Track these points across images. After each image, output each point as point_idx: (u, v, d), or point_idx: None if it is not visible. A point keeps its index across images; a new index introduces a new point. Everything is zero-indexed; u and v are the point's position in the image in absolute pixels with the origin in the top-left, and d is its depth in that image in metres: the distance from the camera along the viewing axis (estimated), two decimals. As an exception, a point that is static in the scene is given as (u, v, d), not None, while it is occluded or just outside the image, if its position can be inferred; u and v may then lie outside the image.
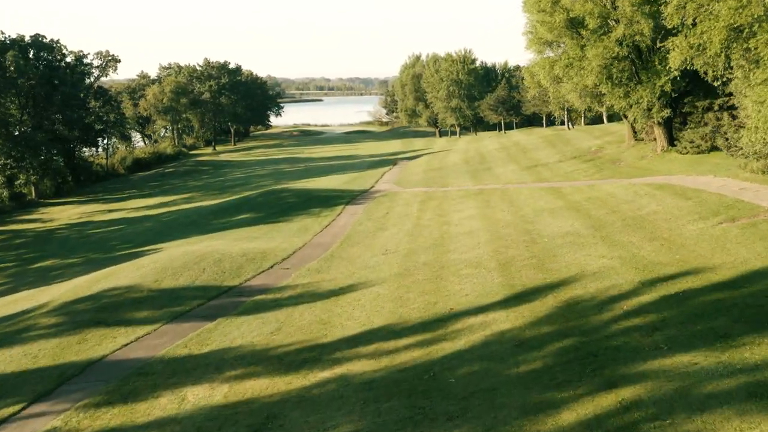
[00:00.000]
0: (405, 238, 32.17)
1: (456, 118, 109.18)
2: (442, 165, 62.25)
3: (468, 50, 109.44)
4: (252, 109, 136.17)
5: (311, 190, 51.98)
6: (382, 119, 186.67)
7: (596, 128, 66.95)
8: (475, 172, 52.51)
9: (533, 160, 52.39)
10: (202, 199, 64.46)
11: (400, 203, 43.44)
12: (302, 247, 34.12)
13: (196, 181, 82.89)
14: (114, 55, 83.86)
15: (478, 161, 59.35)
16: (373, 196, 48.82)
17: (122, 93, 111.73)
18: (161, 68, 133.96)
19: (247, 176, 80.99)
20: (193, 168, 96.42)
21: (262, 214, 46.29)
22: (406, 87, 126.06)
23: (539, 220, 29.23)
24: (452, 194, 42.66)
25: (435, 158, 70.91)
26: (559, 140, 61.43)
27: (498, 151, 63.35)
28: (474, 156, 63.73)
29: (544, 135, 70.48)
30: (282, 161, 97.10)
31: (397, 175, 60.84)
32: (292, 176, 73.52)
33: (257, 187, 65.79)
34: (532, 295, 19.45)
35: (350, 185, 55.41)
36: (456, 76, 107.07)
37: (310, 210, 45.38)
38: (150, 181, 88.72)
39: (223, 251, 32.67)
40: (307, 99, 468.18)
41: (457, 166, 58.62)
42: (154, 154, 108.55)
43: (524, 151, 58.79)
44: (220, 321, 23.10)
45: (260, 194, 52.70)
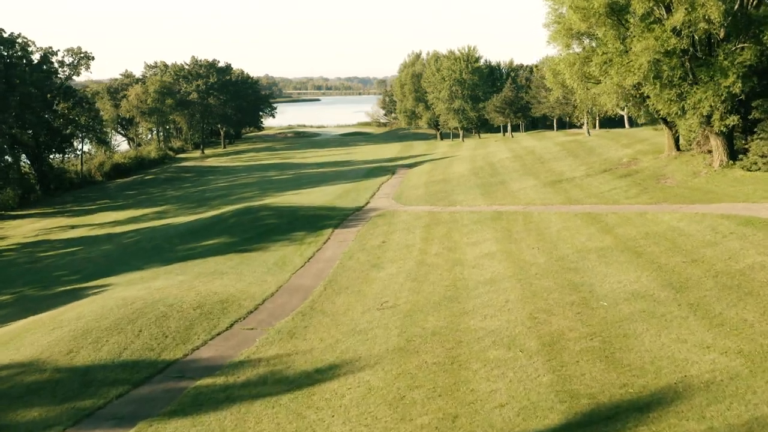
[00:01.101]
0: (407, 284, 24.95)
1: (459, 121, 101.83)
2: (447, 176, 54.98)
3: (472, 47, 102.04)
4: (242, 111, 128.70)
5: (296, 208, 44.70)
6: (379, 120, 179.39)
7: (621, 134, 59.53)
8: (487, 187, 45.28)
9: (555, 173, 45.14)
10: (176, 213, 57.22)
11: (400, 228, 36.20)
12: (276, 291, 26.89)
13: (175, 190, 75.59)
14: (87, 52, 76.46)
15: (488, 172, 52.08)
16: (367, 215, 41.59)
17: (100, 93, 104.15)
18: (146, 67, 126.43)
19: (230, 185, 73.68)
20: (175, 175, 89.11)
21: (236, 239, 39.04)
22: (405, 87, 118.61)
23: (586, 268, 22.01)
24: (462, 217, 35.41)
25: (438, 167, 63.66)
26: (581, 148, 54.16)
27: (510, 160, 56.07)
28: (483, 166, 56.48)
29: (561, 141, 63.20)
30: (271, 167, 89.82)
31: (396, 188, 53.61)
32: (279, 186, 66.24)
33: (238, 200, 58.55)
34: (610, 421, 12.24)
35: (342, 200, 48.16)
36: (459, 75, 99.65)
37: (293, 235, 38.13)
38: (127, 189, 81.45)
39: (172, 300, 25.43)
40: (305, 99, 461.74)
41: (465, 178, 51.38)
42: (136, 159, 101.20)
43: (541, 161, 51.52)
44: (141, 429, 15.90)
45: (237, 212, 45.43)
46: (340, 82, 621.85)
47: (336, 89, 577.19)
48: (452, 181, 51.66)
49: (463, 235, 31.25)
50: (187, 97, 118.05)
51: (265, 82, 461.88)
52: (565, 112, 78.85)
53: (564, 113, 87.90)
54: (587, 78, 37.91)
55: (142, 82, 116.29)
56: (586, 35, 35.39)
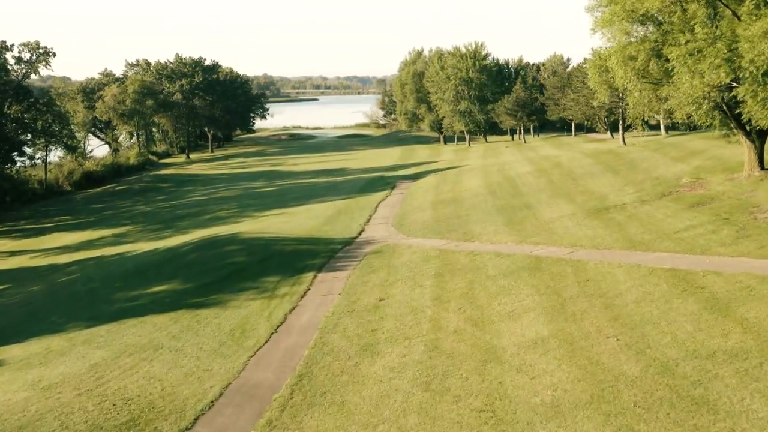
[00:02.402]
0: (415, 397, 16.12)
1: (465, 124, 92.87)
2: (458, 194, 46.09)
3: (480, 43, 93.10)
4: (231, 112, 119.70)
5: (272, 241, 35.81)
6: (378, 121, 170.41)
7: (664, 143, 50.31)
8: (510, 212, 36.39)
9: (595, 196, 36.21)
10: (136, 237, 48.44)
11: (403, 274, 27.35)
12: (219, 397, 18.04)
13: (146, 204, 66.78)
14: (47, 47, 67.49)
15: (508, 191, 43.15)
16: (361, 251, 32.74)
17: (69, 93, 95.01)
18: (128, 65, 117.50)
19: (207, 199, 64.83)
20: (150, 185, 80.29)
21: (190, 285, 30.18)
22: (406, 87, 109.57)
23: (721, 397, 13.11)
24: (486, 263, 26.55)
25: (445, 180, 54.75)
26: (619, 161, 45.21)
27: (533, 175, 47.10)
28: (500, 181, 47.54)
29: (589, 151, 54.16)
30: (258, 176, 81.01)
31: (397, 208, 44.76)
32: (262, 202, 57.38)
33: (211, 221, 49.71)
34: None
35: (331, 227, 39.32)
36: (465, 74, 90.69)
37: (263, 281, 29.30)
38: (96, 201, 72.66)
39: (52, 422, 16.61)
40: (303, 98, 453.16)
41: (480, 199, 42.48)
42: (112, 167, 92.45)
43: (572, 178, 42.61)
44: None
45: (200, 245, 36.55)
46: (339, 82, 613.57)
47: (335, 89, 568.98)
48: (464, 201, 42.77)
49: (491, 297, 22.37)
50: (171, 98, 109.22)
51: (263, 81, 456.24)
52: (587, 115, 69.82)
53: (572, 117, 79.01)
54: (643, 76, 29.08)
55: (121, 81, 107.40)
56: (651, 21, 26.60)
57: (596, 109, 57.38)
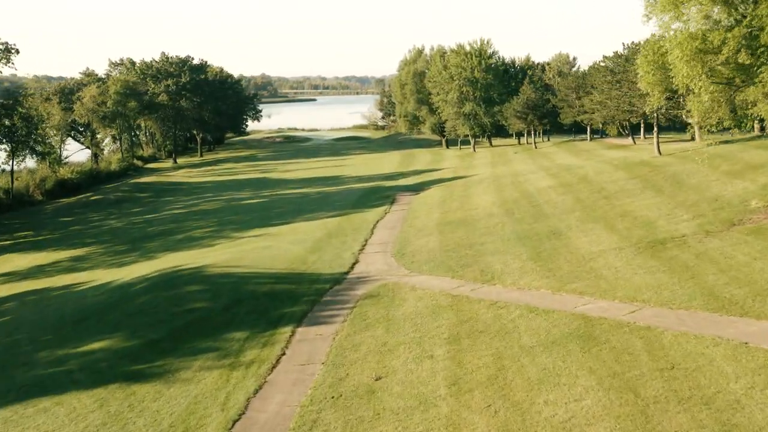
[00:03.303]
0: None
1: (470, 127, 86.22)
2: (468, 213, 39.53)
3: (485, 40, 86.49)
4: (221, 114, 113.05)
5: (244, 278, 29.24)
6: (377, 123, 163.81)
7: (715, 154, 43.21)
8: (534, 241, 29.85)
9: (639, 222, 29.63)
10: (95, 263, 41.98)
11: (406, 336, 20.85)
12: None
13: (118, 217, 60.24)
14: (8, 43, 60.91)
15: (529, 212, 36.52)
16: (353, 293, 26.23)
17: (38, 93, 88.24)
18: (111, 64, 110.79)
19: (186, 213, 58.28)
20: (128, 194, 73.71)
21: (133, 343, 23.63)
22: (406, 87, 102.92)
23: None
24: (517, 322, 20.07)
25: (452, 195, 48.20)
26: (658, 176, 38.56)
27: (555, 190, 40.50)
28: (517, 198, 40.94)
29: (617, 161, 47.48)
30: (246, 185, 74.48)
31: (397, 230, 38.22)
32: (244, 218, 50.82)
33: (182, 243, 43.26)
34: None
35: (318, 257, 32.77)
36: (470, 74, 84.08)
37: (226, 338, 22.79)
38: (66, 213, 66.17)
39: None
40: (301, 99, 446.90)
41: (495, 220, 35.91)
42: (90, 174, 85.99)
43: (605, 196, 36.02)
44: None
45: (155, 283, 29.94)
46: (338, 82, 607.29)
47: (333, 89, 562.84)
48: (477, 223, 36.21)
49: (532, 387, 15.84)
50: (156, 99, 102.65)
51: (260, 81, 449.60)
52: (608, 118, 63.10)
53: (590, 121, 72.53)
54: (713, 75, 22.61)
55: (102, 81, 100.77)
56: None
57: (626, 113, 50.69)
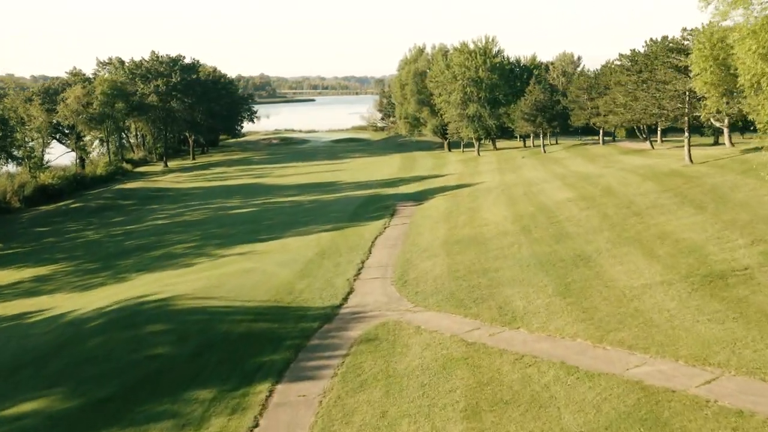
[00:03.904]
0: None
1: (474, 130, 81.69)
2: (478, 230, 35.04)
3: (490, 38, 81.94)
4: (215, 115, 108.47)
5: (217, 314, 24.78)
6: (376, 124, 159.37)
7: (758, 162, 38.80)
8: (560, 268, 25.42)
9: (684, 247, 25.19)
10: (60, 282, 37.62)
11: (411, 404, 16.50)
12: None
13: (97, 228, 55.82)
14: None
15: (548, 231, 31.99)
16: (346, 335, 21.81)
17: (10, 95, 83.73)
18: (99, 64, 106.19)
19: (168, 225, 53.80)
20: (111, 201, 69.21)
21: (73, 404, 19.21)
22: (406, 87, 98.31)
23: None
24: (551, 389, 15.78)
25: (458, 206, 43.73)
26: (696, 189, 34.03)
27: (576, 204, 35.91)
28: (533, 212, 36.41)
29: (645, 170, 42.77)
30: (236, 191, 70.02)
31: (398, 249, 33.76)
32: (229, 232, 46.35)
33: (158, 262, 38.85)
34: None
35: (307, 284, 28.34)
36: (474, 73, 79.56)
37: (188, 399, 18.39)
38: (41, 223, 61.72)
39: None
40: (300, 99, 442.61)
41: (510, 239, 31.43)
42: (73, 179, 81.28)
43: (635, 212, 31.49)
44: None
45: (113, 320, 25.45)
46: (337, 82, 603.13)
47: (332, 89, 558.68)
48: (489, 243, 31.76)
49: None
50: (145, 100, 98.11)
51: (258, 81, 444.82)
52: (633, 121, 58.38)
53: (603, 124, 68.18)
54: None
55: (89, 81, 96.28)
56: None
57: (652, 117, 46.09)
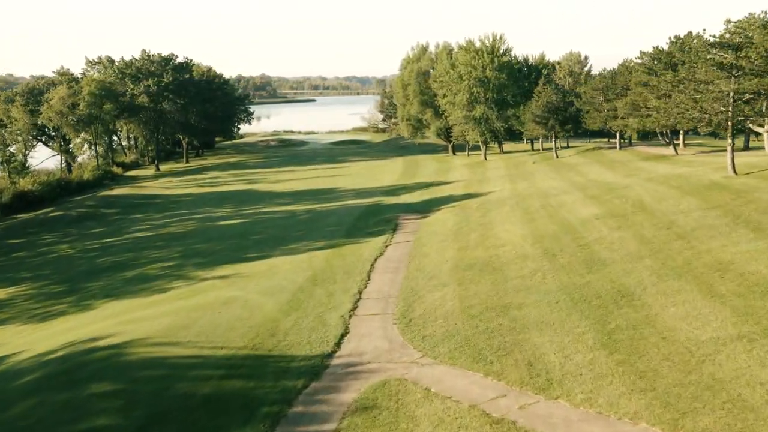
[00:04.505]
0: None
1: (481, 133, 77.13)
2: (493, 251, 30.47)
3: (498, 36, 77.36)
4: (209, 117, 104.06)
5: (178, 368, 20.26)
6: (377, 125, 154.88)
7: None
8: (597, 308, 20.94)
9: (750, 281, 20.60)
10: (17, 309, 33.31)
11: None
12: None
13: (73, 241, 51.42)
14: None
15: (576, 255, 27.41)
16: (337, 400, 17.36)
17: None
18: (88, 63, 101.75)
19: (149, 237, 49.34)
20: (92, 210, 64.81)
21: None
22: (408, 88, 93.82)
23: None
24: None
25: (468, 221, 39.15)
26: (748, 205, 29.50)
27: (605, 222, 31.21)
28: (555, 231, 31.79)
29: (681, 181, 38.06)
30: (228, 198, 65.60)
31: (401, 276, 29.24)
32: (213, 248, 41.88)
33: (130, 285, 34.37)
34: None
35: (294, 321, 23.81)
36: (481, 73, 75.02)
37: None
38: (15, 234, 57.38)
39: None
40: (301, 99, 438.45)
41: (532, 265, 26.88)
42: (57, 184, 76.88)
43: (678, 233, 26.85)
44: None
45: (52, 374, 20.97)
46: (338, 82, 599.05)
47: (333, 89, 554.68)
48: (506, 268, 27.22)
49: None
50: (135, 101, 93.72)
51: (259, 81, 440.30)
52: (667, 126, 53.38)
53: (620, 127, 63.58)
54: None
55: (76, 81, 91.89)
56: None
57: (690, 122, 41.65)
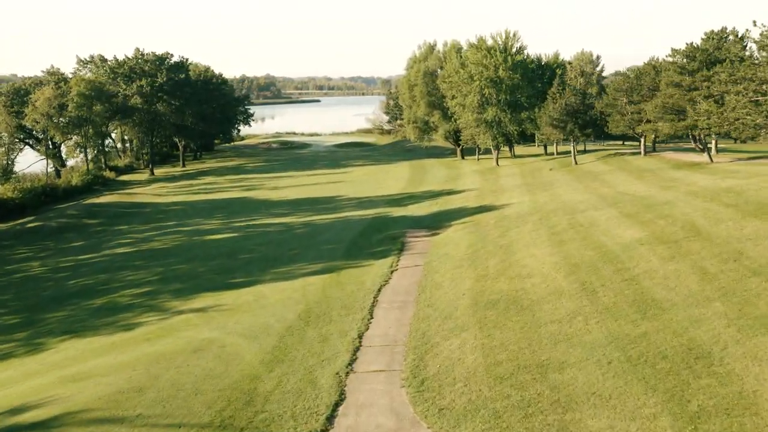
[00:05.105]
0: None
1: (493, 137, 72.11)
2: (518, 284, 25.47)
3: (511, 33, 72.20)
4: (206, 119, 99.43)
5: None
6: (383, 127, 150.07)
7: None
8: (666, 373, 16.11)
9: None
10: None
11: None
12: None
13: (45, 258, 46.69)
14: None
15: (623, 292, 22.43)
16: None
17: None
18: (79, 62, 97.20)
19: (129, 254, 44.52)
20: (74, 220, 60.06)
21: None
22: (415, 89, 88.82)
23: None
24: None
25: (485, 242, 34.16)
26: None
27: (652, 248, 26.06)
28: (590, 258, 26.80)
29: (724, 195, 32.97)
30: (221, 207, 60.83)
31: (410, 316, 24.36)
32: (197, 268, 37.05)
33: (95, 317, 29.60)
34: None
35: (278, 381, 18.96)
36: (494, 73, 69.99)
37: None
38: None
39: None
40: (305, 99, 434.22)
41: (568, 305, 21.93)
42: (41, 191, 72.22)
43: (753, 270, 21.79)
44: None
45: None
46: (343, 82, 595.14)
47: (338, 89, 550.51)
48: (539, 310, 22.25)
49: None
50: (128, 102, 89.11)
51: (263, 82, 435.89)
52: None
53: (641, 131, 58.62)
54: None
55: (65, 81, 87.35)
56: None
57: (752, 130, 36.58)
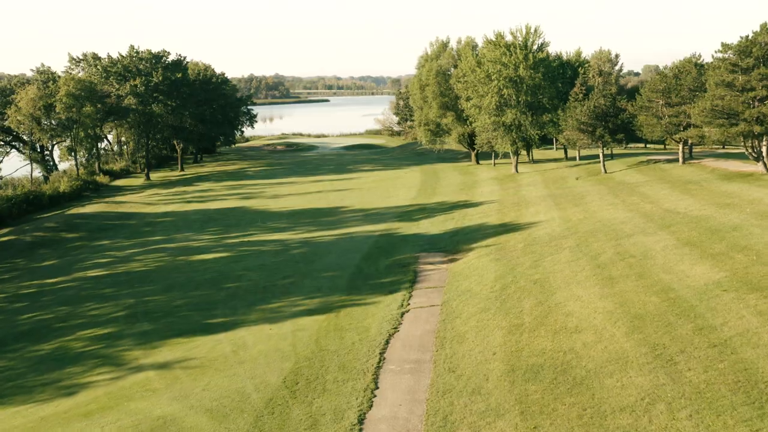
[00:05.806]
0: None
1: (512, 141, 66.18)
2: (568, 345, 19.80)
3: (532, 28, 66.20)
4: (206, 120, 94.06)
5: None
6: (392, 128, 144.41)
7: None
8: None
9: None
10: None
11: None
12: None
13: (6, 281, 41.32)
14: None
15: (709, 360, 16.94)
16: None
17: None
18: (71, 60, 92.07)
19: (101, 279, 39.04)
20: (51, 233, 54.70)
21: None
22: (427, 89, 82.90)
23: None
24: None
25: (516, 275, 28.33)
26: None
27: (739, 296, 20.23)
28: (655, 305, 21.07)
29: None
30: (214, 219, 55.34)
31: (424, 385, 18.80)
32: (175, 300, 31.50)
33: (37, 371, 24.14)
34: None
35: None
36: (513, 72, 64.07)
37: None
38: (-45, 264, 47.28)
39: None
40: (314, 99, 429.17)
41: (642, 382, 16.38)
42: (23, 198, 66.85)
43: None
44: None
45: None
46: (353, 82, 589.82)
47: (348, 89, 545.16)
48: (598, 386, 16.54)
49: None
50: (122, 103, 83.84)
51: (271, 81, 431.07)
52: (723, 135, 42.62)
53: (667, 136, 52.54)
54: None
55: (53, 80, 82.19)
56: None
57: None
